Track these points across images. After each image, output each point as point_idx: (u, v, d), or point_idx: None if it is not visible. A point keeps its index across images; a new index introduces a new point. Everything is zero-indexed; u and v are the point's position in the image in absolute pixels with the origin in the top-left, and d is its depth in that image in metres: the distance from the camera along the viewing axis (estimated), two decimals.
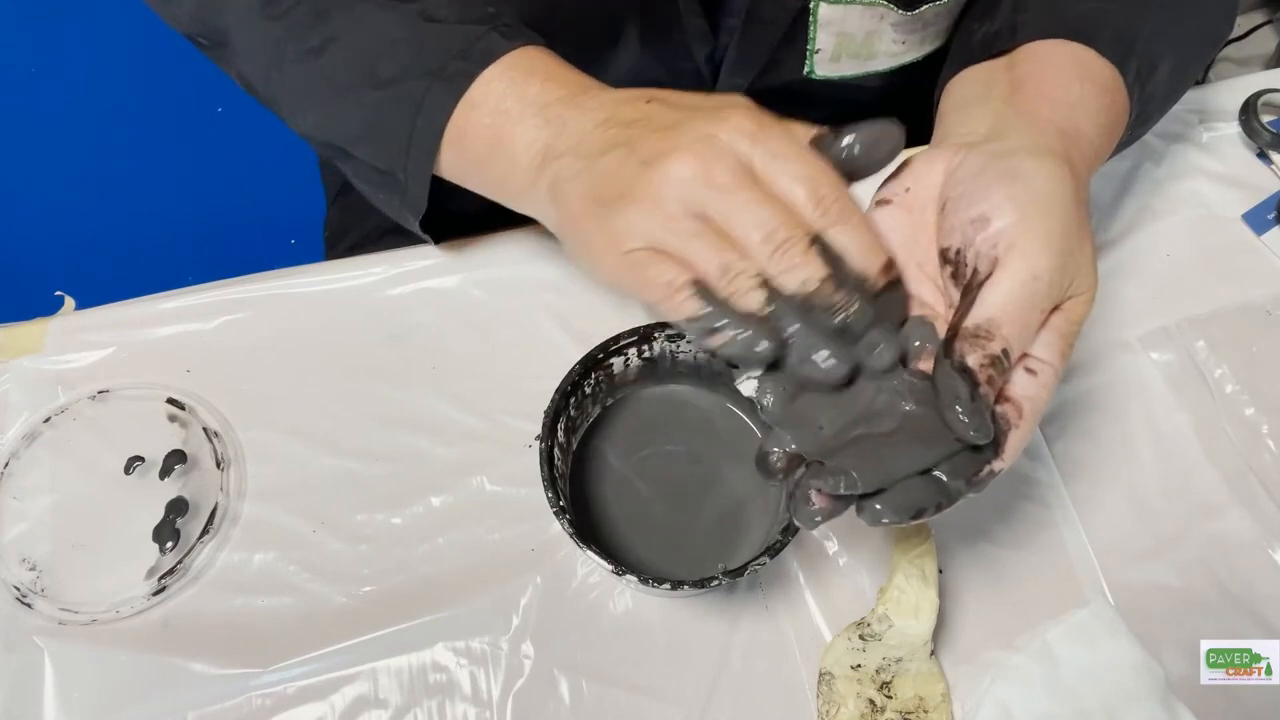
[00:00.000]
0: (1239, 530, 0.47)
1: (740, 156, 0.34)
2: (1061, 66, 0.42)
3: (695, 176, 0.33)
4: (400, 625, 0.44)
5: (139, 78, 1.45)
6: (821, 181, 0.33)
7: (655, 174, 0.34)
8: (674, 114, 0.36)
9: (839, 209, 0.33)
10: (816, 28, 0.50)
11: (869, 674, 0.42)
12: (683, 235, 0.33)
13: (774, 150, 0.34)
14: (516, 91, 0.40)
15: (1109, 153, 0.43)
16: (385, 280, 0.53)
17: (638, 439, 0.47)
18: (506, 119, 0.40)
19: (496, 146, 0.41)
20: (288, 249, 1.36)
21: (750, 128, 0.34)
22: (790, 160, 0.34)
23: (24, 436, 0.49)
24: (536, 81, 0.40)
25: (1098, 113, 0.41)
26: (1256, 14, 0.87)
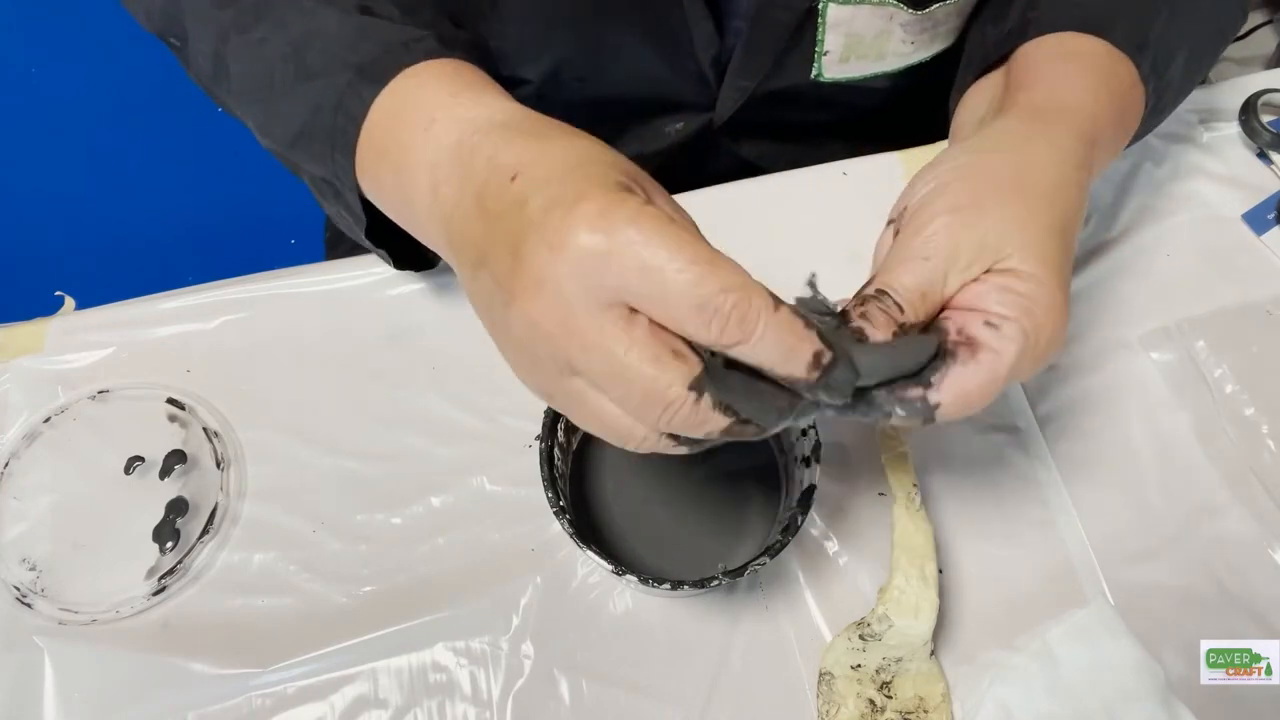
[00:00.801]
0: (1239, 530, 0.47)
1: (595, 290, 0.28)
2: (1052, 52, 0.42)
3: (553, 335, 0.29)
4: (400, 625, 0.44)
5: (139, 78, 1.45)
6: (705, 291, 0.27)
7: (517, 329, 0.30)
8: (522, 220, 0.30)
9: (736, 320, 0.27)
10: (825, 29, 0.50)
11: (869, 674, 0.42)
12: (571, 401, 0.30)
13: (637, 265, 0.27)
14: (430, 97, 0.37)
15: (1117, 131, 0.42)
16: (385, 280, 0.53)
17: None
18: (413, 128, 0.37)
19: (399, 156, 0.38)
20: (288, 249, 1.36)
21: (597, 247, 0.27)
22: (660, 280, 0.27)
23: (24, 436, 0.49)
24: (451, 91, 0.37)
25: (1096, 88, 0.41)
26: (1257, 14, 0.87)
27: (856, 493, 0.47)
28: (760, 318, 0.27)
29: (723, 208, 0.56)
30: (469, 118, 0.35)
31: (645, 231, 0.27)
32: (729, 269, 0.27)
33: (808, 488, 0.39)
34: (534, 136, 0.32)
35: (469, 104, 0.36)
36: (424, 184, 0.36)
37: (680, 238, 0.27)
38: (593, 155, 0.31)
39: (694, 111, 0.58)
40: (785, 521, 0.39)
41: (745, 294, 0.27)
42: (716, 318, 0.27)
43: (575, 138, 0.32)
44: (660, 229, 0.27)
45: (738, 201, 0.56)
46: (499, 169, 0.32)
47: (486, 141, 0.33)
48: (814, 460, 0.40)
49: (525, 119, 0.35)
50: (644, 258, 0.27)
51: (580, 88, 0.55)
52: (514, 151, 0.32)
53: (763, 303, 0.27)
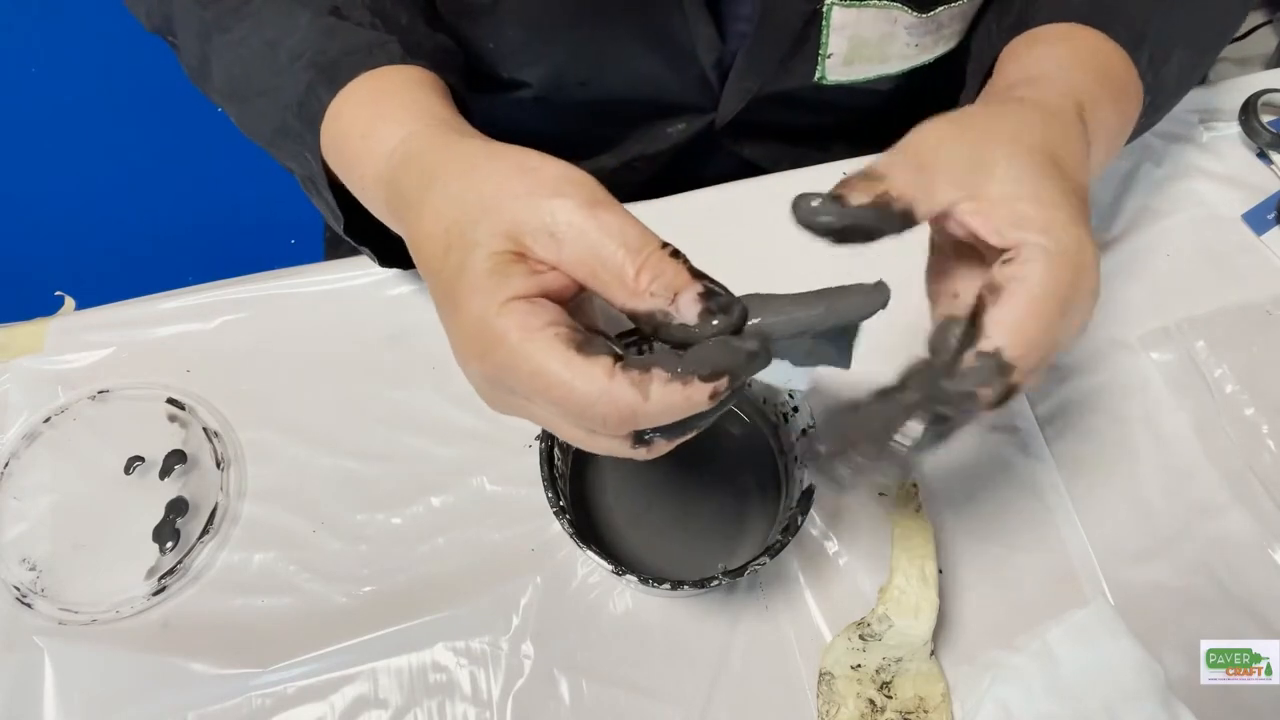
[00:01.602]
0: (1239, 530, 0.47)
1: (508, 393, 0.30)
2: (1033, 39, 0.42)
3: (486, 379, 0.31)
4: (400, 625, 0.44)
5: (139, 78, 1.45)
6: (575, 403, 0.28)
7: (463, 362, 0.31)
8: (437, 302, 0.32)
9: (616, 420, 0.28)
10: (829, 32, 0.50)
11: (869, 674, 0.42)
12: (523, 413, 0.32)
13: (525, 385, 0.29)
14: (349, 140, 0.38)
15: (1104, 91, 0.40)
16: (385, 280, 0.53)
17: None
18: (348, 168, 0.39)
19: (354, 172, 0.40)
20: (288, 249, 1.36)
21: (487, 372, 0.30)
22: (544, 394, 0.29)
23: (24, 436, 0.49)
24: (364, 131, 0.38)
25: (1074, 61, 0.40)
26: (1257, 14, 0.87)
27: (856, 493, 0.47)
28: (635, 411, 0.28)
29: (723, 208, 0.56)
30: (378, 172, 0.37)
31: (510, 355, 0.29)
32: (585, 377, 0.28)
33: (808, 488, 0.39)
34: (412, 208, 0.33)
35: (376, 148, 0.37)
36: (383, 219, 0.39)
37: (541, 352, 0.28)
38: (454, 221, 0.31)
39: (696, 113, 0.58)
40: (785, 521, 0.39)
41: (610, 400, 0.28)
42: (602, 424, 0.29)
43: (440, 198, 0.32)
44: (519, 344, 0.28)
45: (738, 201, 0.56)
46: (407, 238, 0.34)
47: (394, 213, 0.36)
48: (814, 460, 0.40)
49: (409, 172, 0.35)
50: (519, 381, 0.29)
51: (581, 90, 0.55)
52: (409, 231, 0.34)
53: (630, 399, 0.28)
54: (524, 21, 0.49)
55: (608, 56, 0.52)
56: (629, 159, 0.61)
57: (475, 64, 0.52)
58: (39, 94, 1.52)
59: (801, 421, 0.42)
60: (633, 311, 0.29)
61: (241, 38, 0.43)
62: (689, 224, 0.55)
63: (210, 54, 0.45)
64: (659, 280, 0.29)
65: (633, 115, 0.59)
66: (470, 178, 0.32)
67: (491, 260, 0.29)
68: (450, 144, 0.35)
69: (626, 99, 0.56)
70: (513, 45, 0.51)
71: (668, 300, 0.29)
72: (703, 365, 0.28)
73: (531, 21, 0.49)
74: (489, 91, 0.55)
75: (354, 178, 0.39)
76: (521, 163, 0.31)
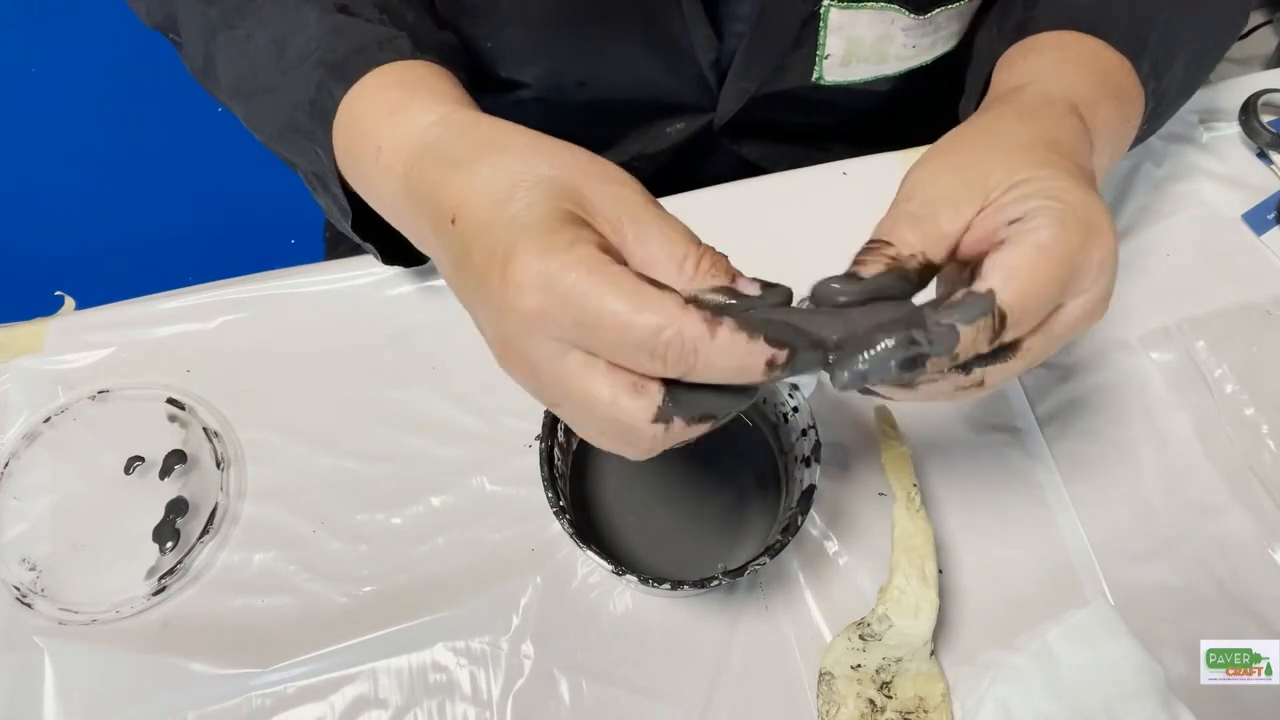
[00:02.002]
0: (1239, 530, 0.47)
1: (546, 342, 0.29)
2: (1030, 47, 0.42)
3: (528, 380, 0.31)
4: (400, 625, 0.44)
5: (139, 77, 1.45)
6: (639, 336, 0.27)
7: (500, 306, 0.30)
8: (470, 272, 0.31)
9: (675, 357, 0.28)
10: (826, 32, 0.50)
11: (869, 674, 0.42)
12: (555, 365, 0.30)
13: (573, 321, 0.28)
14: (373, 121, 0.38)
15: (1103, 95, 0.40)
16: (385, 280, 0.53)
17: None
18: (366, 155, 0.38)
19: (360, 176, 0.40)
20: (288, 249, 1.36)
21: (536, 309, 0.28)
22: (597, 330, 0.28)
23: (24, 436, 0.49)
24: (390, 109, 0.38)
25: (1070, 67, 0.40)
26: (1257, 14, 0.87)
27: (856, 493, 0.47)
28: (697, 348, 0.28)
29: (723, 208, 0.56)
30: (407, 143, 0.36)
31: (575, 284, 0.28)
32: (658, 304, 0.27)
33: (808, 488, 0.39)
34: (462, 168, 0.32)
35: (406, 124, 0.36)
36: (388, 210, 0.38)
37: (610, 281, 0.28)
38: (520, 179, 0.31)
39: (694, 113, 0.58)
40: (785, 521, 0.39)
41: (677, 329, 0.27)
42: (656, 357, 0.28)
43: (503, 157, 0.32)
44: (590, 276, 0.28)
45: (738, 201, 0.56)
46: (439, 210, 0.33)
47: (424, 176, 0.34)
48: (814, 460, 0.40)
49: (458, 137, 0.34)
50: (578, 313, 0.28)
51: (580, 90, 0.55)
52: (446, 190, 0.32)
53: (697, 332, 0.27)
54: (522, 21, 0.49)
55: (606, 56, 0.52)
56: (628, 159, 0.61)
57: (474, 64, 0.52)
58: (39, 94, 1.52)
59: (801, 421, 0.42)
60: (695, 294, 0.29)
61: (247, 34, 0.43)
62: (689, 224, 0.55)
63: (215, 51, 0.45)
64: (718, 266, 0.30)
65: (631, 115, 0.59)
66: (538, 151, 0.32)
67: (562, 212, 0.29)
68: (504, 123, 0.34)
69: (625, 99, 0.56)
70: (511, 45, 0.51)
71: (728, 279, 0.29)
72: (772, 329, 0.28)
73: (529, 21, 0.49)
74: (488, 91, 0.55)
75: (368, 150, 0.38)
76: (587, 153, 0.32)
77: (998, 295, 0.29)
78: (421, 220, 0.35)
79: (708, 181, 0.57)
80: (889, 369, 0.29)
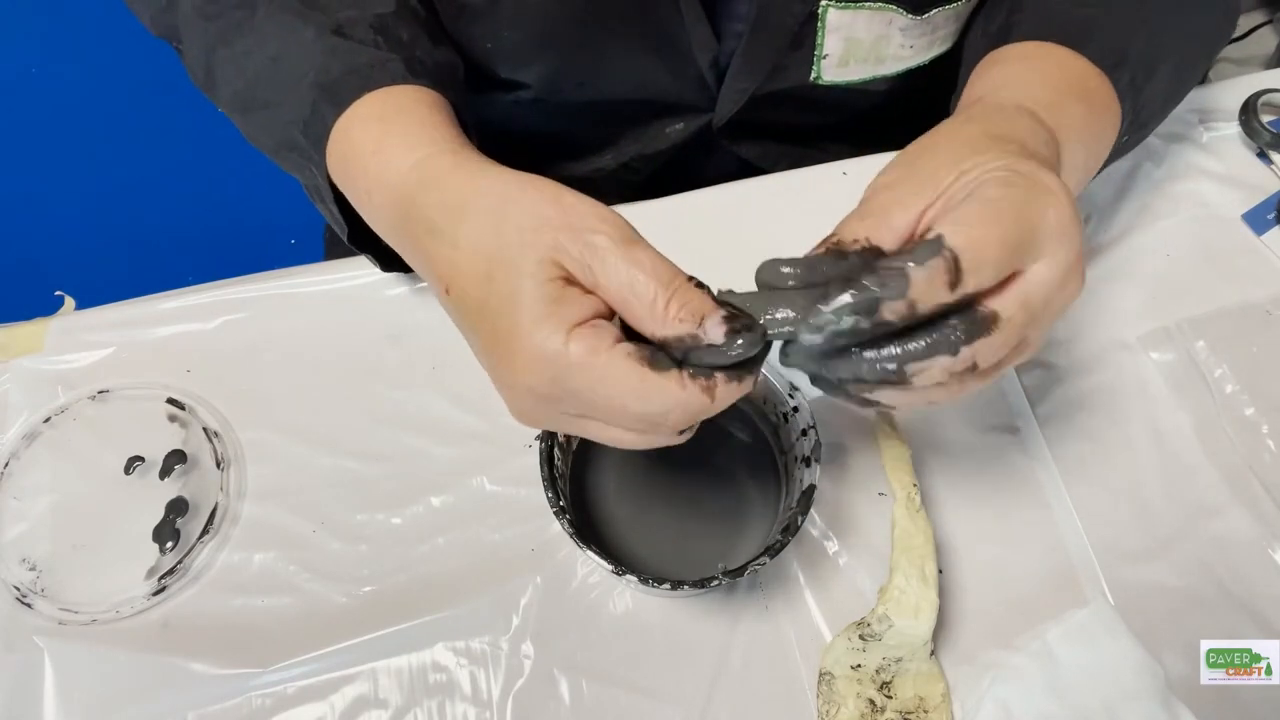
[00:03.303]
0: (1239, 530, 0.47)
1: (561, 410, 0.32)
2: (1002, 57, 0.43)
3: (543, 399, 0.32)
4: (400, 625, 0.44)
5: (140, 78, 1.45)
6: (648, 414, 0.31)
7: (513, 384, 0.33)
8: (475, 337, 0.34)
9: (682, 422, 0.32)
10: (825, 33, 0.50)
11: (869, 674, 0.42)
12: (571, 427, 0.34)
13: (583, 405, 0.32)
14: (360, 158, 0.39)
15: (1080, 115, 0.40)
16: (385, 280, 0.53)
17: None
18: (357, 189, 0.40)
19: (356, 203, 0.41)
20: (288, 249, 1.36)
21: (548, 393, 0.31)
22: (606, 410, 0.31)
23: (24, 436, 0.49)
24: (376, 146, 0.39)
25: (1034, 77, 0.41)
26: (1256, 14, 0.87)
27: (856, 493, 0.47)
28: (705, 412, 0.31)
29: (723, 208, 0.56)
30: (392, 188, 0.37)
31: (581, 381, 0.30)
32: (659, 390, 0.30)
33: (808, 488, 0.39)
34: (441, 237, 0.34)
35: (386, 166, 0.38)
36: (388, 240, 0.40)
37: (611, 371, 0.30)
38: (498, 254, 0.32)
39: (693, 113, 0.58)
40: (785, 521, 0.39)
41: (684, 406, 0.31)
42: (673, 431, 0.32)
43: (473, 229, 0.33)
44: (590, 368, 0.30)
45: (738, 201, 0.56)
46: (432, 275, 0.35)
47: (412, 237, 0.36)
48: (814, 460, 0.40)
49: (431, 194, 0.36)
50: (588, 403, 0.31)
51: (579, 91, 0.55)
52: (434, 258, 0.35)
53: (700, 404, 0.31)
54: (521, 23, 0.49)
55: (605, 57, 0.52)
56: (627, 159, 0.61)
57: (473, 65, 0.52)
58: (39, 94, 1.52)
59: (801, 421, 0.42)
60: (663, 338, 0.31)
61: (245, 51, 0.44)
62: (688, 224, 0.55)
63: (214, 66, 0.46)
64: (686, 308, 0.31)
65: (630, 115, 0.59)
66: (506, 210, 0.33)
67: (547, 288, 0.31)
68: (474, 173, 0.36)
69: (624, 99, 0.56)
70: (510, 46, 0.51)
71: (695, 325, 0.30)
72: (748, 365, 0.32)
73: (529, 23, 0.49)
74: (487, 92, 0.55)
75: (360, 192, 0.40)
76: (556, 197, 0.33)
77: (946, 239, 0.30)
78: (419, 268, 0.37)
79: (707, 181, 0.57)
80: (848, 323, 0.30)
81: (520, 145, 0.54)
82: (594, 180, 0.62)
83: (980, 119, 0.37)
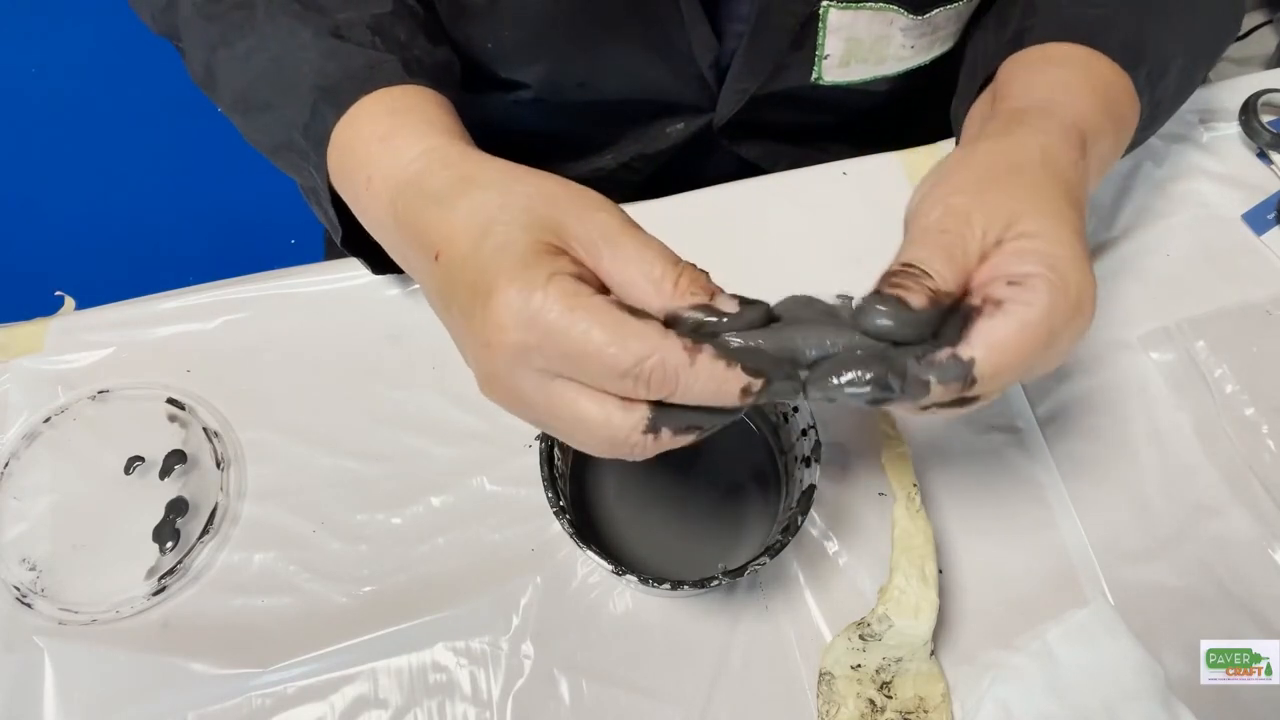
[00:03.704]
0: (1239, 530, 0.47)
1: (532, 372, 0.30)
2: (1034, 59, 0.43)
3: (515, 406, 0.32)
4: (400, 625, 0.44)
5: (140, 78, 1.45)
6: (622, 365, 0.29)
7: (487, 342, 0.31)
8: (456, 307, 0.33)
9: (657, 383, 0.29)
10: (826, 33, 0.50)
11: (869, 674, 0.42)
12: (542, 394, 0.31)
13: (557, 353, 0.29)
14: (364, 148, 0.39)
15: (1107, 123, 0.41)
16: (385, 280, 0.53)
17: None
18: (357, 181, 0.39)
19: (353, 200, 0.41)
20: (288, 249, 1.36)
21: (519, 344, 0.29)
22: (581, 361, 0.29)
23: (24, 436, 0.49)
24: (381, 136, 0.39)
25: (1077, 86, 0.41)
26: (1257, 14, 0.87)
27: (856, 493, 0.47)
28: (679, 375, 0.29)
29: (723, 208, 0.56)
30: (394, 174, 0.37)
31: (557, 319, 0.29)
32: (639, 334, 0.29)
33: (808, 488, 0.39)
34: (443, 204, 0.34)
35: (393, 154, 0.38)
36: (379, 235, 0.40)
37: (590, 313, 0.29)
38: (496, 213, 0.32)
39: (694, 113, 0.58)
40: (785, 521, 0.39)
41: (659, 357, 0.29)
42: (639, 384, 0.29)
43: (481, 193, 0.33)
44: (570, 310, 0.29)
45: (738, 201, 0.56)
46: (424, 245, 0.34)
47: (409, 210, 0.35)
48: (814, 460, 0.40)
49: (440, 172, 0.36)
50: (561, 347, 0.29)
51: (579, 91, 0.55)
52: (430, 227, 0.34)
53: (678, 360, 0.29)
54: (521, 23, 0.49)
55: (605, 57, 0.52)
56: (627, 159, 0.61)
57: (473, 65, 0.52)
58: (39, 94, 1.52)
59: (801, 421, 0.42)
60: (673, 312, 0.30)
61: (245, 52, 0.44)
62: (689, 224, 0.55)
63: (215, 66, 0.46)
64: (696, 282, 0.31)
65: (631, 115, 0.59)
66: (515, 184, 0.33)
67: (538, 245, 0.30)
68: (484, 158, 0.36)
69: (624, 99, 0.56)
70: (510, 46, 0.51)
71: (707, 297, 0.30)
72: (750, 358, 0.30)
73: (528, 23, 0.49)
74: (487, 92, 0.55)
75: (359, 178, 0.39)
76: (563, 181, 0.33)
77: (977, 366, 0.31)
78: (409, 251, 0.36)
79: (707, 182, 0.57)
80: (855, 400, 0.31)
81: (520, 145, 0.54)
82: (594, 180, 0.61)
83: (1054, 157, 0.36)
